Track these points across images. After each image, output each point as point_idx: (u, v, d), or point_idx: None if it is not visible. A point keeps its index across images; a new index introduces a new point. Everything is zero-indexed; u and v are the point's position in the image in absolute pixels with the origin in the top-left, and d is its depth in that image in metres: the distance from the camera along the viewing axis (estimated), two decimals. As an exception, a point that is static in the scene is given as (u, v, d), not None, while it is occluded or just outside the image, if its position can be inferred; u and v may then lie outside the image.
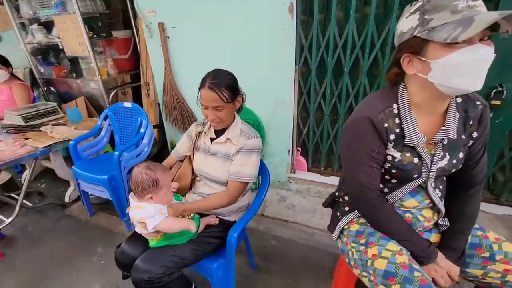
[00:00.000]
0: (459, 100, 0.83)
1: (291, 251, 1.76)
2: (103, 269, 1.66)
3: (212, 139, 1.26)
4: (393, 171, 0.85)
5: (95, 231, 1.99)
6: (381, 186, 0.91)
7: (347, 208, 1.05)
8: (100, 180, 1.82)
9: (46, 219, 2.14)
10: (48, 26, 2.75)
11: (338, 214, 1.07)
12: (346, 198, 1.08)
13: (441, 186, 0.91)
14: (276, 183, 2.24)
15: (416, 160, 0.82)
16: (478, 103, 0.83)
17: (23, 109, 2.40)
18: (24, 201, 2.11)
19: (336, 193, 1.14)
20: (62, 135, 2.09)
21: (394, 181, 0.89)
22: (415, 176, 0.84)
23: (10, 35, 3.27)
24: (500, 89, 1.45)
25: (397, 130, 0.82)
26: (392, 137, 0.82)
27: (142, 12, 2.06)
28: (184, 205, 1.14)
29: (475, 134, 0.84)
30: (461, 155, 0.85)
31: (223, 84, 1.10)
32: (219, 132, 1.24)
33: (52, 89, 3.01)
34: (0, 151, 1.82)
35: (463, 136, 0.83)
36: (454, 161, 0.84)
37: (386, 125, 0.81)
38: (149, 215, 0.99)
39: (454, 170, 0.86)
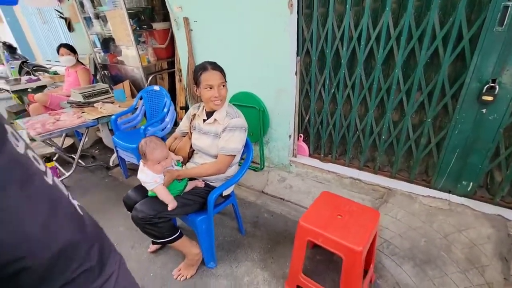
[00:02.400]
0: None
1: (278, 224, 1.98)
2: (128, 217, 2.09)
3: (204, 121, 1.53)
4: None
5: (127, 189, 2.47)
6: None
7: None
8: (130, 148, 2.26)
9: (95, 176, 2.72)
10: (105, 20, 3.29)
11: None
12: None
13: None
14: (279, 165, 2.44)
15: None
16: None
17: (84, 88, 2.98)
18: (80, 161, 2.70)
19: None
20: (108, 111, 2.59)
21: None
22: None
23: (81, 26, 3.96)
24: (493, 84, 1.41)
25: None
26: None
27: (171, 7, 2.39)
28: (179, 171, 1.45)
29: None
30: None
31: (219, 66, 1.43)
32: (209, 115, 1.51)
33: (106, 72, 3.61)
34: (62, 120, 2.38)
35: None
36: None
37: None
38: (146, 181, 1.35)
39: None
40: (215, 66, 1.40)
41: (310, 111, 2.18)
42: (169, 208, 1.36)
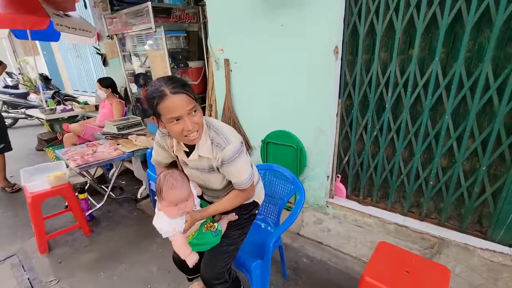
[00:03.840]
0: None
1: (320, 271, 1.86)
2: (160, 256, 2.02)
3: (187, 153, 1.17)
4: None
5: (157, 225, 2.41)
6: None
7: None
8: (166, 183, 2.24)
9: (123, 209, 2.67)
10: (141, 57, 3.49)
11: None
12: None
13: None
14: (314, 206, 2.36)
15: None
16: None
17: (118, 120, 3.07)
18: (110, 192, 2.68)
19: None
20: (143, 144, 2.63)
21: None
22: None
23: (115, 62, 4.21)
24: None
25: None
26: None
27: (212, 50, 2.52)
28: (202, 212, 1.18)
29: None
30: None
31: (182, 83, 1.00)
32: (190, 147, 1.15)
33: (139, 105, 3.74)
34: (100, 152, 2.41)
35: None
36: None
37: None
38: (162, 228, 1.08)
39: None
40: (176, 87, 0.96)
41: (350, 153, 2.16)
42: (189, 264, 1.12)
